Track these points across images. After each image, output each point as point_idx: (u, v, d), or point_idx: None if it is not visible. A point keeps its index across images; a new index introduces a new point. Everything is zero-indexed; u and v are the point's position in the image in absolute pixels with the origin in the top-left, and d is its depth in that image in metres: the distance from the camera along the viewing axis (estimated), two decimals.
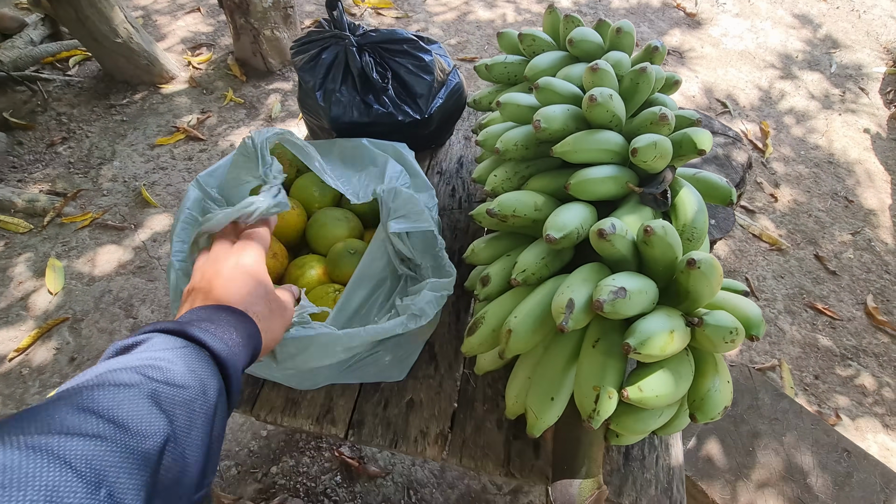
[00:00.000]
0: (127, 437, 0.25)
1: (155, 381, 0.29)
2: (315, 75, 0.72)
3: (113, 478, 0.24)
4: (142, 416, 0.27)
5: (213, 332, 0.35)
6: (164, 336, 0.33)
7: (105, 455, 0.24)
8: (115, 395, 0.27)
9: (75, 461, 0.23)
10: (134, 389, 0.28)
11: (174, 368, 0.30)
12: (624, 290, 0.38)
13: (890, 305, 1.69)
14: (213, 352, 0.34)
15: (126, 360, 0.30)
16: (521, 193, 0.52)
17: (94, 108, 1.94)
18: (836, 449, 0.97)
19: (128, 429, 0.26)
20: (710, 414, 0.43)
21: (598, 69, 0.52)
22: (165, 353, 0.31)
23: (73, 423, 0.24)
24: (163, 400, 0.28)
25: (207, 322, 0.36)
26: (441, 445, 0.61)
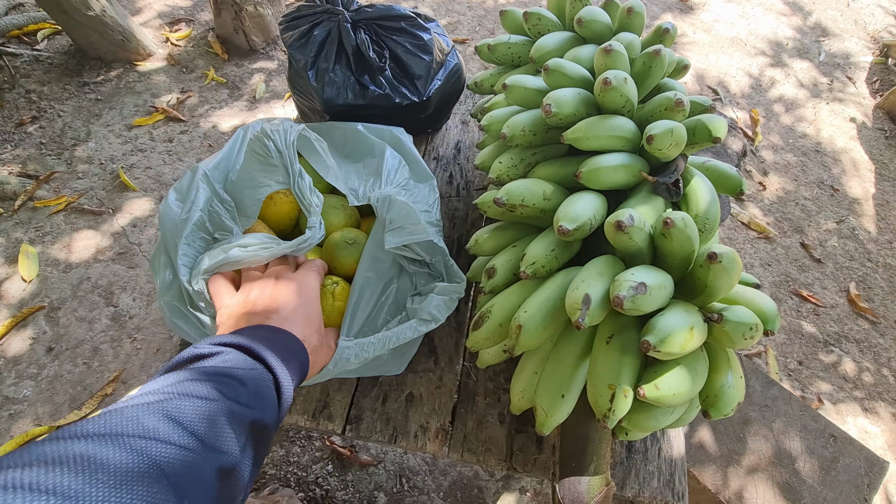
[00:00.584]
0: (207, 453, 0.26)
1: (229, 399, 0.30)
2: (306, 53, 0.68)
3: (193, 492, 0.24)
4: (220, 434, 0.28)
5: (280, 359, 0.35)
6: (238, 353, 0.34)
7: (191, 466, 0.25)
8: (198, 408, 0.28)
9: (168, 469, 0.24)
10: (214, 405, 0.28)
11: (244, 390, 0.31)
12: (644, 285, 0.36)
13: (871, 293, 1.73)
14: (277, 380, 0.34)
15: (203, 371, 0.31)
16: (529, 182, 0.50)
17: (66, 85, 1.84)
18: (823, 434, 0.99)
19: (208, 445, 0.27)
20: (723, 410, 0.42)
21: (612, 51, 0.49)
22: (238, 372, 0.32)
23: (164, 431, 0.25)
24: (235, 420, 0.29)
25: (274, 348, 0.36)
26: (442, 440, 0.59)
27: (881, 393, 1.51)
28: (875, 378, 1.54)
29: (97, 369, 1.31)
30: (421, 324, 0.49)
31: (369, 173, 0.61)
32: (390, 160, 0.60)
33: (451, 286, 0.51)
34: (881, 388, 1.52)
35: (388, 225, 0.53)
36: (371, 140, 0.63)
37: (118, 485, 0.21)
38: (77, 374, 1.30)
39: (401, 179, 0.57)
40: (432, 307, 0.49)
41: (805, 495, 0.92)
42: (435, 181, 0.60)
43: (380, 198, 0.54)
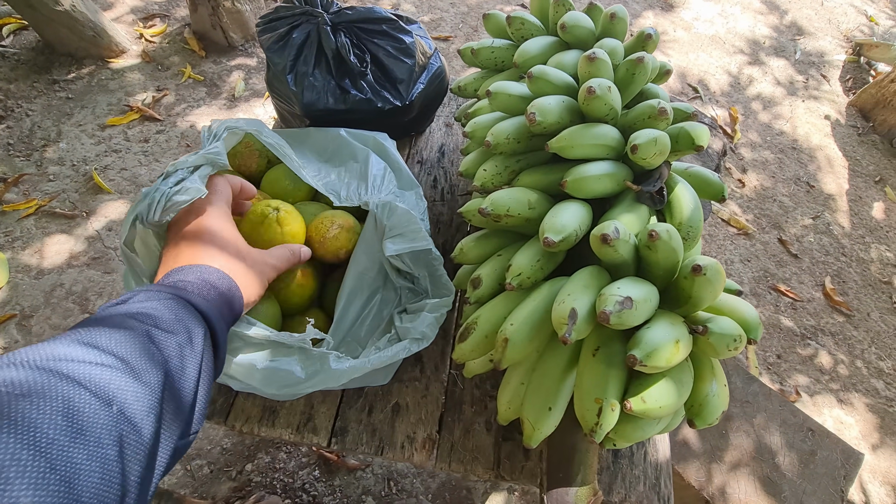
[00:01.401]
0: (129, 369, 0.26)
1: (148, 325, 0.30)
2: (285, 57, 0.66)
3: (121, 398, 0.24)
4: (141, 353, 0.28)
5: (192, 288, 0.35)
6: (148, 291, 0.34)
7: (112, 379, 0.25)
8: (113, 334, 0.28)
9: (86, 381, 0.24)
10: (131, 331, 0.29)
11: (163, 316, 0.31)
12: (630, 300, 0.36)
13: (846, 286, 1.78)
14: (194, 305, 0.34)
15: (117, 309, 0.31)
16: (514, 191, 0.49)
17: (35, 83, 1.77)
18: (801, 429, 1.02)
19: (129, 362, 0.27)
20: (708, 420, 0.42)
21: (596, 59, 0.49)
22: (153, 303, 0.32)
23: (79, 354, 0.25)
24: (157, 341, 0.29)
25: (184, 280, 0.36)
26: (429, 450, 0.59)
27: (855, 384, 1.55)
28: (850, 370, 1.58)
29: None
30: (413, 343, 0.49)
31: (352, 177, 0.60)
32: (375, 165, 0.59)
33: (440, 302, 0.51)
34: (855, 379, 1.57)
35: (389, 232, 0.51)
36: (354, 145, 0.62)
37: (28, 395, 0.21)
38: None
39: (390, 186, 0.56)
40: (425, 326, 0.49)
41: (785, 489, 0.94)
42: (420, 189, 0.60)
43: (379, 204, 0.52)
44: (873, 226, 1.96)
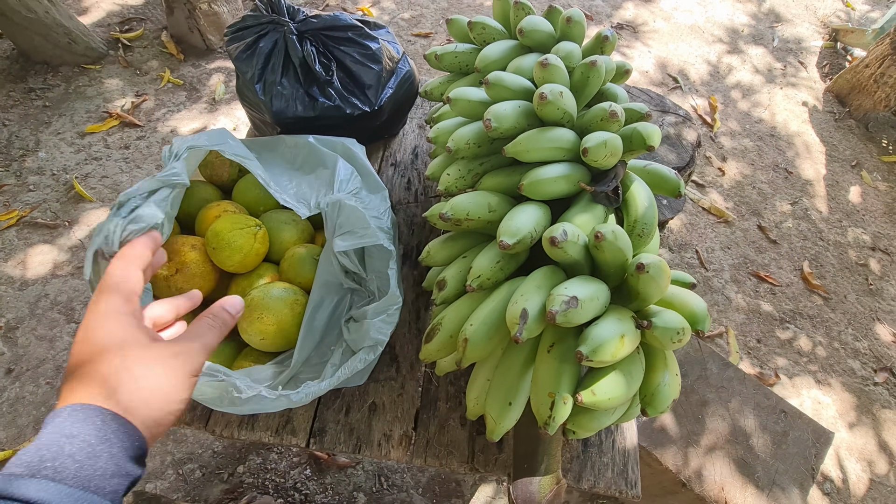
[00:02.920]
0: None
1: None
2: (253, 66, 0.67)
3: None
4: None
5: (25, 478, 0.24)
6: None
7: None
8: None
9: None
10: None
11: None
12: (576, 299, 0.38)
13: (823, 270, 1.82)
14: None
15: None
16: (474, 195, 0.51)
17: (11, 92, 1.76)
18: (774, 411, 1.05)
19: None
20: (659, 408, 0.44)
21: (548, 65, 0.51)
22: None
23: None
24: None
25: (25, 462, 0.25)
26: (405, 447, 0.61)
27: (832, 365, 1.60)
28: (827, 351, 1.63)
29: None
30: (368, 352, 0.50)
31: (322, 184, 0.61)
32: (342, 171, 0.60)
33: (384, 302, 0.51)
34: (833, 360, 1.61)
35: (338, 229, 0.52)
36: (323, 152, 0.63)
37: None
38: (40, 394, 1.26)
39: (352, 188, 0.57)
40: (374, 331, 0.49)
41: (758, 469, 0.97)
42: (387, 192, 0.61)
43: (329, 203, 0.53)
44: (850, 210, 2.00)
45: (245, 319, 0.50)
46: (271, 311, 0.50)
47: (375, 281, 0.54)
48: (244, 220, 0.53)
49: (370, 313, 0.51)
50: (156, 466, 1.22)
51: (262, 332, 0.49)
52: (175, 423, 0.30)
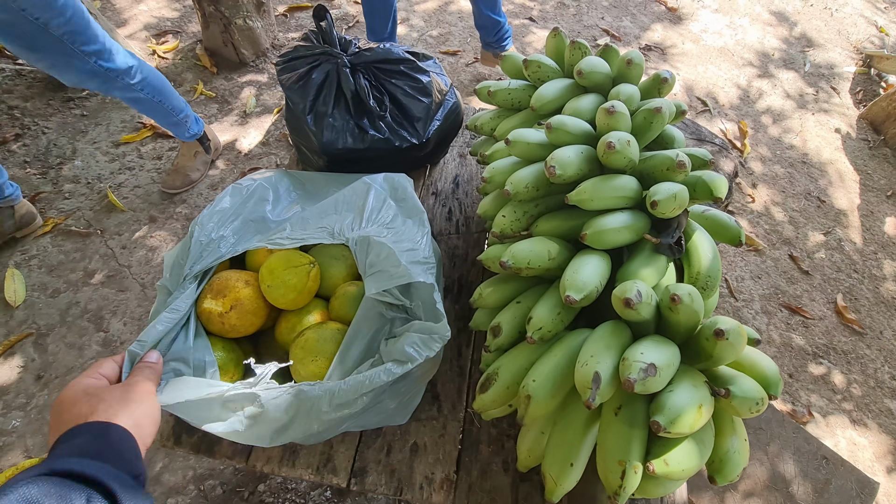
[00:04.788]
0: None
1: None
2: (305, 97, 0.67)
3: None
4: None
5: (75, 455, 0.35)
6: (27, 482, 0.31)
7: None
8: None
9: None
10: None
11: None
12: (654, 367, 0.36)
13: (858, 304, 1.76)
14: (79, 474, 0.33)
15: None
16: (533, 242, 0.50)
17: (50, 101, 1.80)
18: (816, 456, 1.01)
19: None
20: (729, 476, 0.42)
21: (615, 112, 0.50)
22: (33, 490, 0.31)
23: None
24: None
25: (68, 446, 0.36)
26: (447, 491, 0.59)
27: (868, 404, 1.54)
28: (863, 390, 1.57)
29: None
30: (396, 365, 0.47)
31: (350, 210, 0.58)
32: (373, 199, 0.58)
33: (429, 325, 0.49)
34: (868, 399, 1.55)
35: (368, 269, 0.51)
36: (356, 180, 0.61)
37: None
38: None
39: (385, 217, 0.55)
40: (407, 346, 0.47)
41: None
42: (425, 214, 0.58)
43: (357, 240, 0.52)
44: (885, 241, 1.95)
45: (300, 362, 0.49)
46: (326, 352, 0.49)
47: (421, 307, 0.52)
48: (298, 258, 0.52)
49: (413, 328, 0.49)
50: (178, 481, 1.21)
51: (316, 374, 0.49)
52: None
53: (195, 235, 0.51)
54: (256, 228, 0.52)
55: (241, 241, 0.51)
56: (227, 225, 0.52)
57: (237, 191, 0.56)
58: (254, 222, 0.52)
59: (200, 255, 0.50)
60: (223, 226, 0.51)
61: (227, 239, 0.51)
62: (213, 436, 0.60)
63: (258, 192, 0.56)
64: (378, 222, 0.54)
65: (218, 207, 0.53)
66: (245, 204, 0.54)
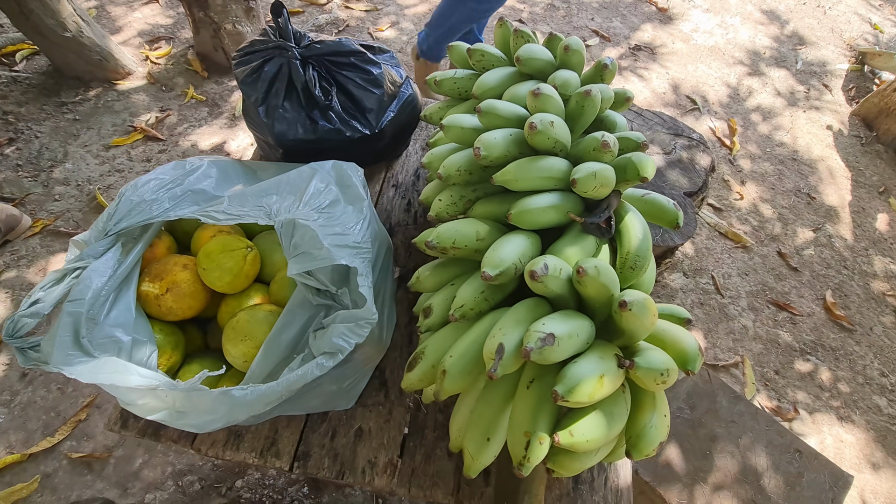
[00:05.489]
0: None
1: None
2: (257, 89, 0.69)
3: None
4: None
5: None
6: None
7: None
8: None
9: None
10: None
11: None
12: (553, 336, 0.37)
13: (847, 300, 1.74)
14: None
15: None
16: (462, 223, 0.51)
17: (44, 105, 1.84)
18: (788, 450, 1.00)
19: None
20: (644, 451, 0.42)
21: (540, 94, 0.51)
22: None
23: None
24: None
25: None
26: (390, 475, 0.60)
27: (857, 401, 1.52)
28: (851, 387, 1.55)
29: (71, 395, 1.31)
30: (328, 358, 0.47)
31: (291, 195, 0.57)
32: (315, 184, 0.57)
33: (356, 312, 0.49)
34: (857, 396, 1.53)
35: (292, 251, 0.51)
36: (302, 169, 0.61)
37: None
38: (51, 399, 1.29)
39: (322, 202, 0.55)
40: (335, 338, 0.47)
41: None
42: (366, 202, 0.58)
43: (284, 222, 0.52)
44: (877, 238, 1.92)
45: (230, 341, 0.50)
46: (255, 334, 0.50)
47: (349, 295, 0.52)
48: (235, 242, 0.53)
49: (338, 319, 0.49)
50: (156, 477, 1.22)
51: (245, 354, 0.50)
52: None
53: (125, 195, 0.51)
54: (194, 199, 0.53)
55: (176, 208, 0.51)
56: (163, 191, 0.52)
57: (180, 165, 0.57)
58: (193, 193, 0.53)
59: (129, 212, 0.50)
60: (159, 191, 0.52)
61: (162, 203, 0.51)
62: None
63: (203, 168, 0.57)
64: (314, 206, 0.55)
65: (156, 175, 0.54)
66: (187, 177, 0.55)
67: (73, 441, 1.24)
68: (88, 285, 0.48)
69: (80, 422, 1.27)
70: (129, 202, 0.51)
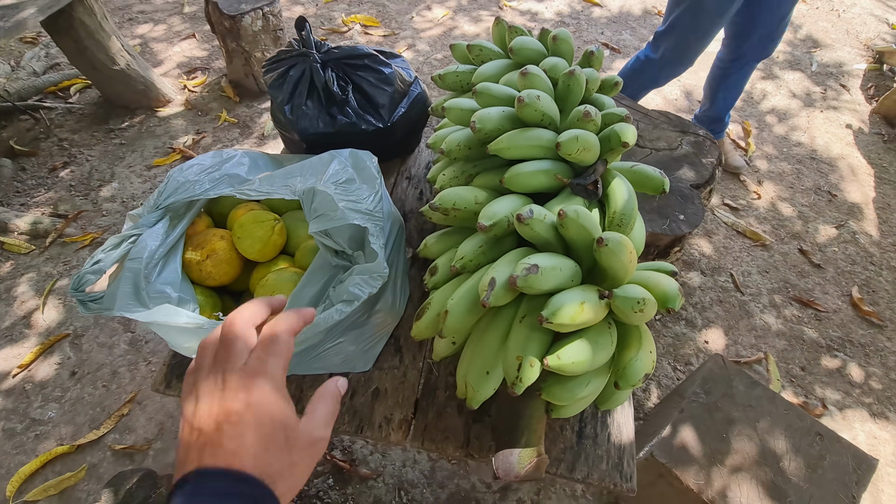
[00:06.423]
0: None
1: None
2: (283, 91, 0.78)
3: None
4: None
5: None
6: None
7: None
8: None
9: None
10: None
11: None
12: (536, 266, 0.42)
13: (875, 296, 1.70)
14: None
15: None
16: (462, 189, 0.57)
17: (95, 132, 2.03)
18: (809, 433, 0.99)
19: None
20: (630, 381, 0.46)
21: (528, 73, 0.57)
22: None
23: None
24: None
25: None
26: (405, 431, 0.64)
27: (890, 397, 1.47)
28: (883, 383, 1.50)
29: (115, 391, 1.40)
30: (345, 305, 0.52)
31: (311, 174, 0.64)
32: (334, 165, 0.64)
33: (369, 265, 0.54)
34: (890, 392, 1.48)
35: (312, 213, 0.58)
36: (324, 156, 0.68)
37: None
38: (97, 396, 1.39)
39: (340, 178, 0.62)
40: (352, 286, 0.52)
41: (790, 494, 0.91)
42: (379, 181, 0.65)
43: (305, 190, 0.58)
44: None
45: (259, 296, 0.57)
46: (283, 290, 0.57)
47: (364, 258, 0.59)
48: (265, 215, 0.61)
49: (354, 272, 0.54)
50: None
51: None
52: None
53: (173, 176, 0.60)
54: (230, 182, 0.61)
55: (216, 188, 0.59)
56: (204, 174, 0.61)
57: (218, 154, 0.66)
58: (229, 176, 0.61)
59: (175, 190, 0.59)
60: (201, 174, 0.61)
61: (203, 184, 0.60)
62: None
63: (237, 157, 0.66)
64: (332, 181, 0.62)
65: (198, 161, 0.62)
66: (223, 164, 0.63)
67: (117, 434, 1.33)
68: (144, 247, 0.56)
69: (122, 416, 1.36)
70: (176, 182, 0.60)
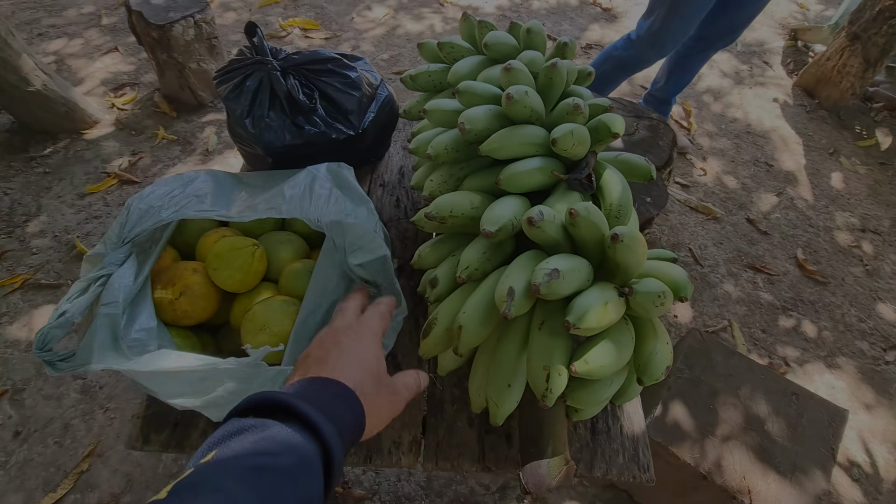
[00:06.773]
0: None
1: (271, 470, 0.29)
2: (241, 103, 0.72)
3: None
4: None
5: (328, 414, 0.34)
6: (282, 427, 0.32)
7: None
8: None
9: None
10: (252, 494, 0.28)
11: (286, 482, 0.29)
12: (557, 271, 0.40)
13: (817, 255, 1.84)
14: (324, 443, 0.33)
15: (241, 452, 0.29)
16: (456, 194, 0.54)
17: (12, 162, 1.82)
18: (785, 394, 1.05)
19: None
20: (654, 375, 0.46)
21: (512, 69, 0.55)
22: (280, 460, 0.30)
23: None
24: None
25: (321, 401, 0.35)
26: (416, 452, 0.61)
27: (841, 348, 1.59)
28: (834, 335, 1.62)
29: (70, 447, 1.27)
30: None
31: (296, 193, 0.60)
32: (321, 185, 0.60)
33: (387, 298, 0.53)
34: (840, 343, 1.60)
35: (349, 247, 0.55)
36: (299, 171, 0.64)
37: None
38: (48, 454, 1.25)
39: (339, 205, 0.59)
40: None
41: (777, 454, 0.96)
42: (371, 204, 0.63)
43: (330, 224, 0.56)
44: (834, 195, 2.04)
45: (248, 333, 0.52)
46: (273, 322, 0.52)
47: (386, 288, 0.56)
48: (242, 241, 0.55)
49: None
50: None
51: (266, 343, 0.51)
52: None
53: (133, 205, 0.53)
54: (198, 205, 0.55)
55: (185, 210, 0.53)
56: (168, 198, 0.54)
57: (178, 178, 0.59)
58: (196, 198, 0.55)
59: (140, 219, 0.52)
60: (164, 198, 0.54)
61: (170, 207, 0.53)
62: (181, 430, 0.61)
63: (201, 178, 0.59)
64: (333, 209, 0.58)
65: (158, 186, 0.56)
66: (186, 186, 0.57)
67: (78, 494, 1.20)
68: (119, 288, 0.49)
69: (82, 473, 1.23)
70: (139, 210, 0.53)
